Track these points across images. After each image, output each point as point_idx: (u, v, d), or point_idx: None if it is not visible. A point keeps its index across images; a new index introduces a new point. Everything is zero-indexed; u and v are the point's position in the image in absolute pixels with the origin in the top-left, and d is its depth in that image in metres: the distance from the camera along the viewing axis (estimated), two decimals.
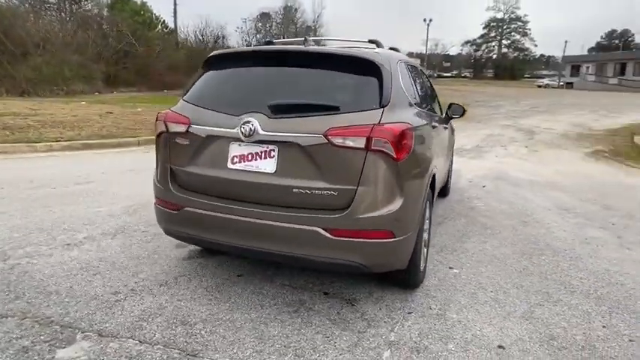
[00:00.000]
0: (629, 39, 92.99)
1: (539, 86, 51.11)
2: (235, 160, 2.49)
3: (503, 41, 78.53)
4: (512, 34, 77.91)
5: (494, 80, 67.77)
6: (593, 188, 6.24)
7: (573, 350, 2.36)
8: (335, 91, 2.56)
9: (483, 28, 79.40)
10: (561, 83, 50.44)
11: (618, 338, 2.48)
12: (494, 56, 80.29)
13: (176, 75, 28.01)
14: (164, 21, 35.94)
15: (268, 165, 2.41)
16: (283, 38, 62.99)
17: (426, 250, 3.15)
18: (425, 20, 53.60)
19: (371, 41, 3.07)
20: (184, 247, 3.54)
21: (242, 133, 2.40)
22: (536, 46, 79.74)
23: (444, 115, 4.42)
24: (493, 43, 79.56)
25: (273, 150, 2.40)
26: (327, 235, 2.31)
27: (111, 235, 3.80)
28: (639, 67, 43.45)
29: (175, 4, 38.46)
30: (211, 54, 2.88)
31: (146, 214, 4.38)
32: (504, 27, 77.74)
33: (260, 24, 59.10)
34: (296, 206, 2.38)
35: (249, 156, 2.46)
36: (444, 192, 5.32)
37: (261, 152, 2.43)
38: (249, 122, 2.38)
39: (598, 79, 46.06)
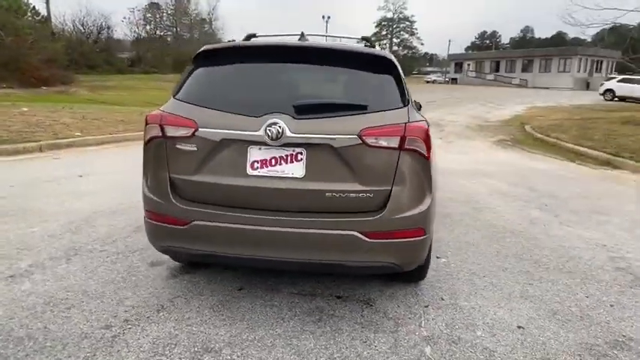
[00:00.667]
0: (497, 39, 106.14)
1: (428, 82, 55.77)
2: (256, 165, 2.28)
3: (394, 39, 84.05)
4: (402, 33, 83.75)
5: None
6: (514, 173, 7.00)
7: (575, 321, 2.62)
8: (356, 89, 2.48)
9: (376, 26, 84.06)
10: (447, 79, 55.67)
11: (602, 305, 2.82)
12: None
13: (54, 69, 24.83)
14: (34, 7, 31.49)
15: (296, 169, 2.26)
16: (176, 30, 59.57)
17: None
18: (324, 17, 54.82)
19: (364, 38, 3.03)
20: (160, 265, 3.18)
21: (268, 135, 2.20)
22: (422, 44, 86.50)
23: None
24: (385, 42, 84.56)
25: (301, 153, 2.25)
26: (365, 238, 2.24)
27: (64, 259, 3.25)
28: (510, 65, 50.02)
29: None
30: (206, 47, 2.59)
31: (94, 230, 3.85)
32: (394, 26, 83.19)
33: (149, 14, 55.27)
34: (329, 211, 2.27)
35: (273, 160, 2.27)
36: None
37: (287, 156, 2.26)
38: (275, 124, 2.20)
39: (478, 74, 51.82)
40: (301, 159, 2.25)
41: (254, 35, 3.17)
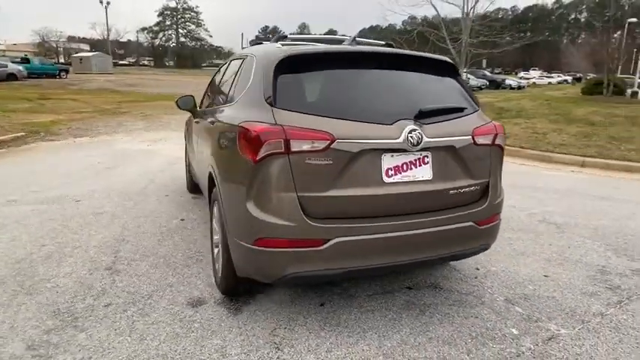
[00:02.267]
0: (280, 33, 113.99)
1: None
2: (390, 172, 2.27)
3: (180, 30, 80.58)
4: (188, 23, 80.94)
5: (179, 69, 68.94)
6: None
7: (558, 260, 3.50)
8: (444, 93, 2.66)
9: (158, 15, 78.82)
10: None
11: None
12: (173, 45, 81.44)
13: None
14: None
15: (425, 172, 2.35)
16: None
17: None
18: (102, 2, 48.40)
19: (388, 44, 3.20)
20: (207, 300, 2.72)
21: (410, 142, 2.23)
22: (211, 36, 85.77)
23: None
24: (170, 32, 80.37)
25: (427, 156, 2.35)
26: (477, 226, 2.52)
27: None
28: None
29: None
30: (295, 52, 2.36)
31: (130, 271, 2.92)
32: (179, 16, 79.65)
33: None
34: (451, 207, 2.45)
35: (404, 166, 2.30)
36: None
37: (416, 160, 2.33)
38: (415, 130, 2.24)
39: None
40: (428, 162, 2.36)
41: (286, 37, 2.99)
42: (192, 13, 80.00)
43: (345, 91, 2.42)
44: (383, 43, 3.21)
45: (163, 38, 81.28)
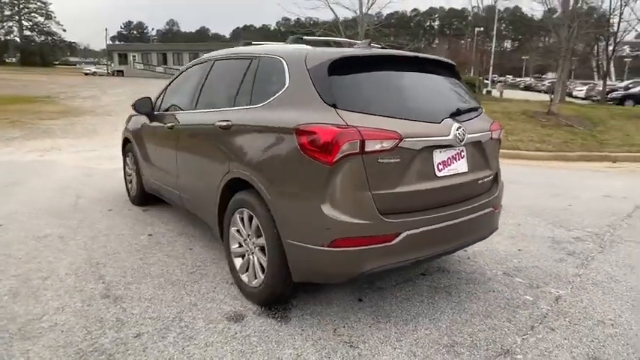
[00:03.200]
0: (145, 30, 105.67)
1: (87, 74, 50.15)
2: (440, 167, 2.46)
3: (25, 22, 69.52)
4: (34, 15, 70.19)
5: (24, 67, 59.29)
6: None
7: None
8: (461, 93, 2.92)
9: None
10: (111, 71, 51.65)
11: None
12: (17, 39, 69.94)
13: None
14: None
15: (462, 165, 2.59)
16: None
17: None
18: None
19: (397, 47, 3.38)
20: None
21: (458, 139, 2.45)
22: (65, 30, 75.62)
23: None
24: (11, 24, 68.83)
25: (463, 150, 2.60)
26: (494, 211, 2.87)
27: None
28: (177, 57, 51.41)
29: None
30: (349, 54, 2.41)
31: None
32: (21, 6, 68.59)
33: None
34: (479, 195, 2.75)
35: (449, 160, 2.52)
36: None
37: (456, 155, 2.56)
38: (460, 127, 2.47)
39: (146, 67, 50.64)
40: (464, 156, 2.61)
41: (301, 38, 2.97)
42: (38, 3, 69.51)
43: (394, 92, 2.55)
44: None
45: (2, 31, 69.21)
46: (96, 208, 4.69)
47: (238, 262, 2.87)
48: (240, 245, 2.84)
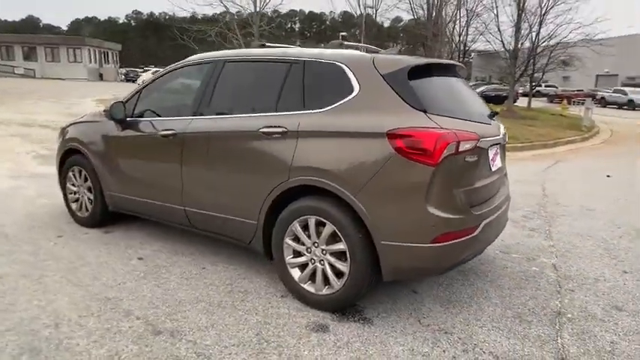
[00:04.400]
0: None
1: None
2: (491, 163, 2.77)
3: None
4: None
5: None
6: None
7: None
8: (478, 96, 3.25)
9: None
10: None
11: None
12: None
13: None
14: None
15: (499, 161, 2.95)
16: None
17: None
18: None
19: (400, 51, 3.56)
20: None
21: (504, 138, 2.78)
22: None
23: None
24: None
25: (499, 148, 2.96)
26: (508, 204, 3.32)
27: None
28: (7, 52, 42.72)
29: None
30: (419, 62, 2.55)
31: None
32: None
33: None
34: (503, 187, 3.13)
35: (494, 157, 2.84)
36: None
37: (497, 152, 2.90)
38: (504, 127, 2.80)
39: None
40: (498, 153, 2.97)
41: (342, 43, 2.98)
42: None
43: (453, 96, 2.76)
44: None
45: None
46: (36, 237, 3.86)
47: (296, 272, 2.77)
48: (299, 255, 2.75)
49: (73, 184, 4.17)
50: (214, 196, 3.10)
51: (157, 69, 29.07)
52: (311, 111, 2.67)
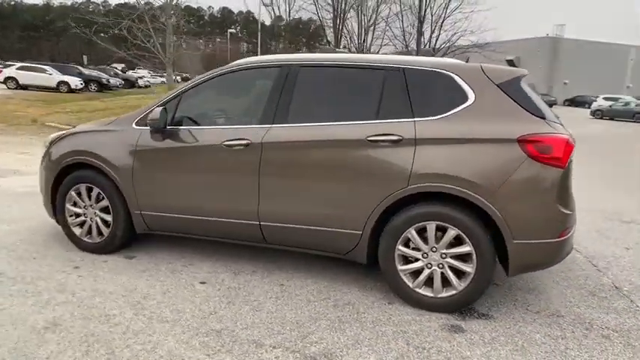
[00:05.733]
0: None
1: None
2: None
3: None
4: None
5: None
6: None
7: None
8: None
9: None
10: None
11: None
12: None
13: None
14: None
15: None
16: None
17: None
18: None
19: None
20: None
21: None
22: None
23: None
24: None
25: None
26: None
27: None
28: None
29: None
30: (521, 72, 2.78)
31: None
32: None
33: None
34: None
35: None
36: None
37: None
38: None
39: None
40: None
41: (431, 52, 3.02)
42: None
43: (535, 100, 2.98)
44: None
45: None
46: (44, 270, 3.18)
47: (409, 278, 2.79)
48: (412, 261, 2.78)
49: (76, 205, 3.51)
50: (304, 208, 2.93)
51: (22, 64, 24.90)
52: (424, 118, 2.72)
